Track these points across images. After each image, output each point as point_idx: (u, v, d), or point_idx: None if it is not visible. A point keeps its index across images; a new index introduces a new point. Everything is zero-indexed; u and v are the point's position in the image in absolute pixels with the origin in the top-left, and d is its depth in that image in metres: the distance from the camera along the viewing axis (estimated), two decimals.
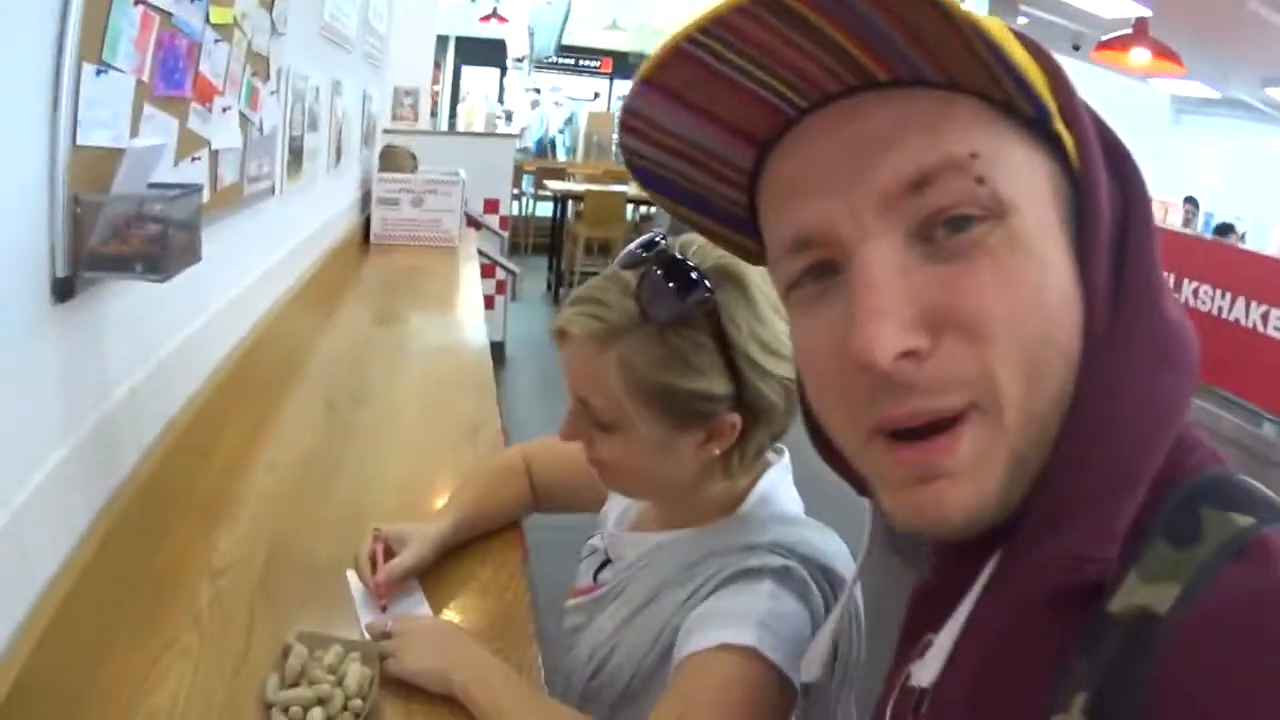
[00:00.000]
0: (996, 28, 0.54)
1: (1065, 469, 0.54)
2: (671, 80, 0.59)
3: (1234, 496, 0.54)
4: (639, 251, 1.09)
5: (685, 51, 0.56)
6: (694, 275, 1.06)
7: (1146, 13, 6.26)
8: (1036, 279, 0.54)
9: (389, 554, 1.43)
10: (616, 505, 1.40)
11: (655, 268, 1.06)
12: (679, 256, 1.08)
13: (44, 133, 1.13)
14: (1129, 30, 5.89)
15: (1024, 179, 0.56)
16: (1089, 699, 0.49)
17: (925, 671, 0.60)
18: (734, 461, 1.17)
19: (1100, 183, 0.57)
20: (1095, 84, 10.67)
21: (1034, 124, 0.57)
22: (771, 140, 0.62)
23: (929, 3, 0.49)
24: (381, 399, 2.39)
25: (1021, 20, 5.85)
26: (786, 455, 1.27)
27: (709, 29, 0.54)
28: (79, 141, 1.20)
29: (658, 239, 1.09)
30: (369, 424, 2.20)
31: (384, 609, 1.37)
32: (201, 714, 1.14)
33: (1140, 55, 5.83)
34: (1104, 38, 6.04)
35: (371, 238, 4.59)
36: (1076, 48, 8.71)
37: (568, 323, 1.13)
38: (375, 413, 2.28)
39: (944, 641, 0.60)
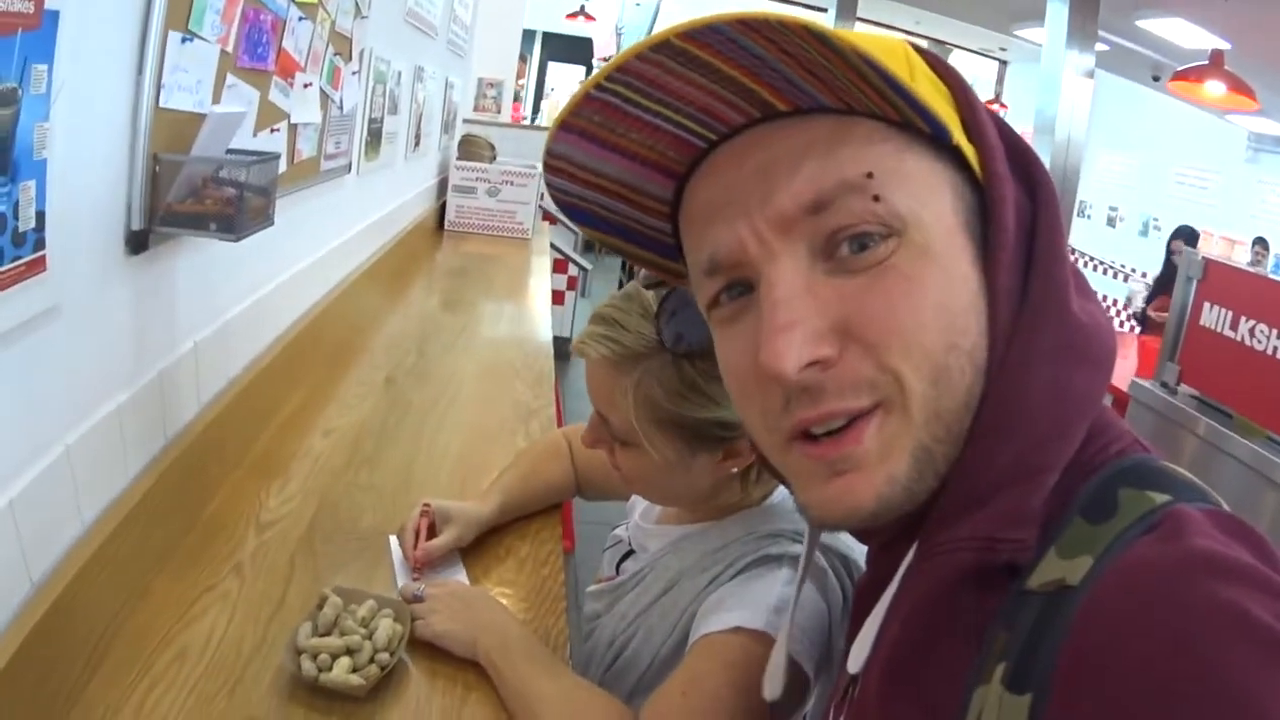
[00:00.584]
0: (885, 50, 0.57)
1: (975, 460, 0.57)
2: (587, 124, 0.63)
3: (1153, 478, 0.56)
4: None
5: (596, 97, 0.60)
6: None
7: (1224, 45, 6.13)
8: (940, 289, 0.57)
9: (432, 530, 1.48)
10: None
11: (668, 302, 1.05)
12: None
13: (128, 94, 1.20)
14: (1205, 61, 5.78)
15: (924, 192, 0.59)
16: (1009, 668, 0.51)
17: (855, 658, 0.63)
18: (751, 477, 1.18)
19: (1005, 191, 0.60)
20: (1170, 116, 10.45)
21: (934, 138, 0.60)
22: (687, 172, 0.67)
23: (813, 36, 0.52)
24: (440, 379, 2.45)
25: (1101, 48, 5.75)
26: None
27: (615, 76, 0.58)
28: (162, 104, 1.26)
29: None
30: (426, 401, 2.25)
31: (419, 574, 1.41)
32: (234, 654, 1.19)
33: (1215, 88, 5.69)
34: (1180, 68, 5.93)
35: (446, 224, 4.66)
36: (1156, 78, 8.53)
37: (585, 346, 1.14)
38: (433, 391, 2.34)
39: (870, 628, 0.62)
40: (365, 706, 1.13)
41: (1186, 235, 6.17)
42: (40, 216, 0.99)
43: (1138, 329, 7.51)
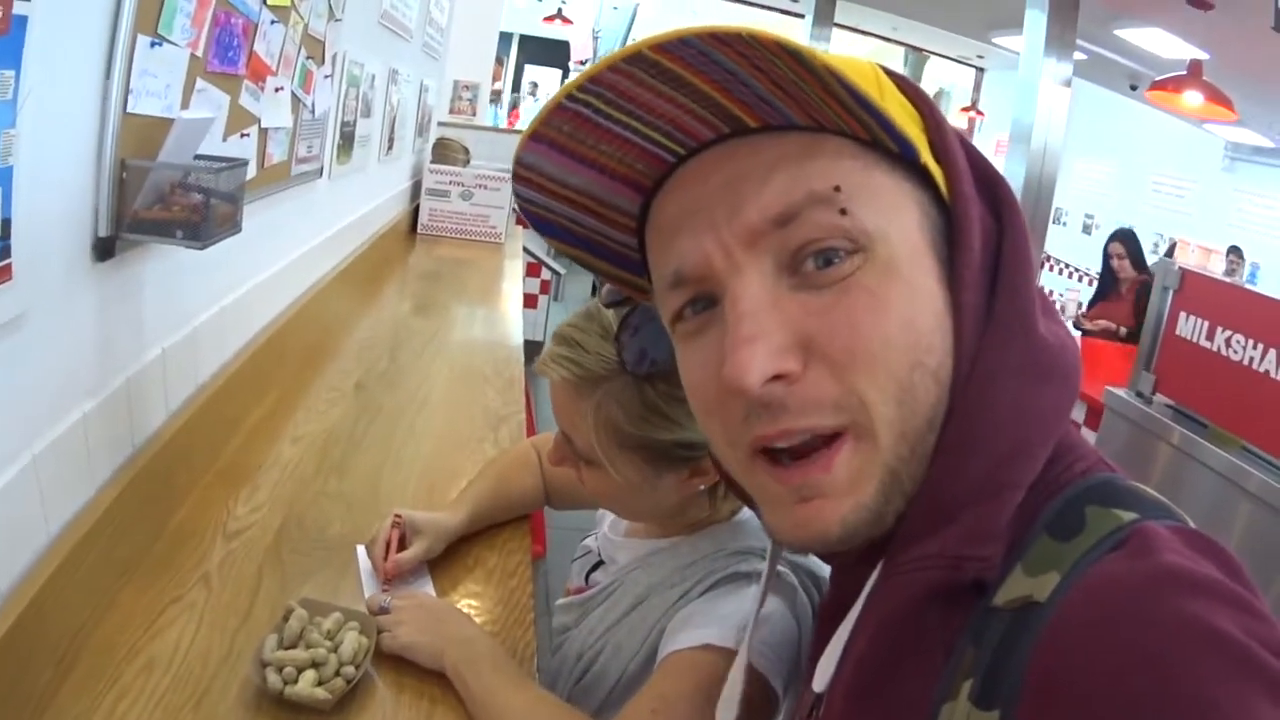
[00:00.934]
0: (856, 70, 0.58)
1: (941, 478, 0.58)
2: (557, 135, 0.63)
3: (1119, 496, 0.56)
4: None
5: (568, 108, 0.60)
6: None
7: (1203, 55, 6.19)
8: (906, 307, 0.57)
9: (403, 542, 1.47)
10: None
11: (631, 318, 1.03)
12: None
13: (96, 99, 1.18)
14: (1183, 72, 5.84)
15: (891, 210, 0.59)
16: (976, 685, 0.51)
17: (820, 677, 0.63)
18: (719, 493, 1.18)
19: (971, 212, 0.60)
20: (1147, 125, 10.54)
21: (902, 158, 0.60)
22: (655, 187, 0.67)
23: (787, 52, 0.52)
24: (411, 384, 2.44)
25: (1079, 57, 5.79)
26: None
27: (587, 86, 0.58)
28: (130, 109, 1.25)
29: None
30: (396, 407, 2.24)
31: (388, 586, 1.40)
32: (200, 666, 1.18)
33: (1193, 98, 5.74)
34: (1158, 78, 5.98)
35: (418, 228, 4.65)
36: (1134, 87, 8.60)
37: (545, 368, 1.14)
38: (403, 397, 2.32)
39: (835, 646, 0.62)
40: (331, 719, 1.12)
41: (1124, 237, 6.17)
42: (6, 224, 0.98)
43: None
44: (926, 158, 0.60)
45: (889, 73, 0.65)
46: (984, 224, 0.61)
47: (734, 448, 0.62)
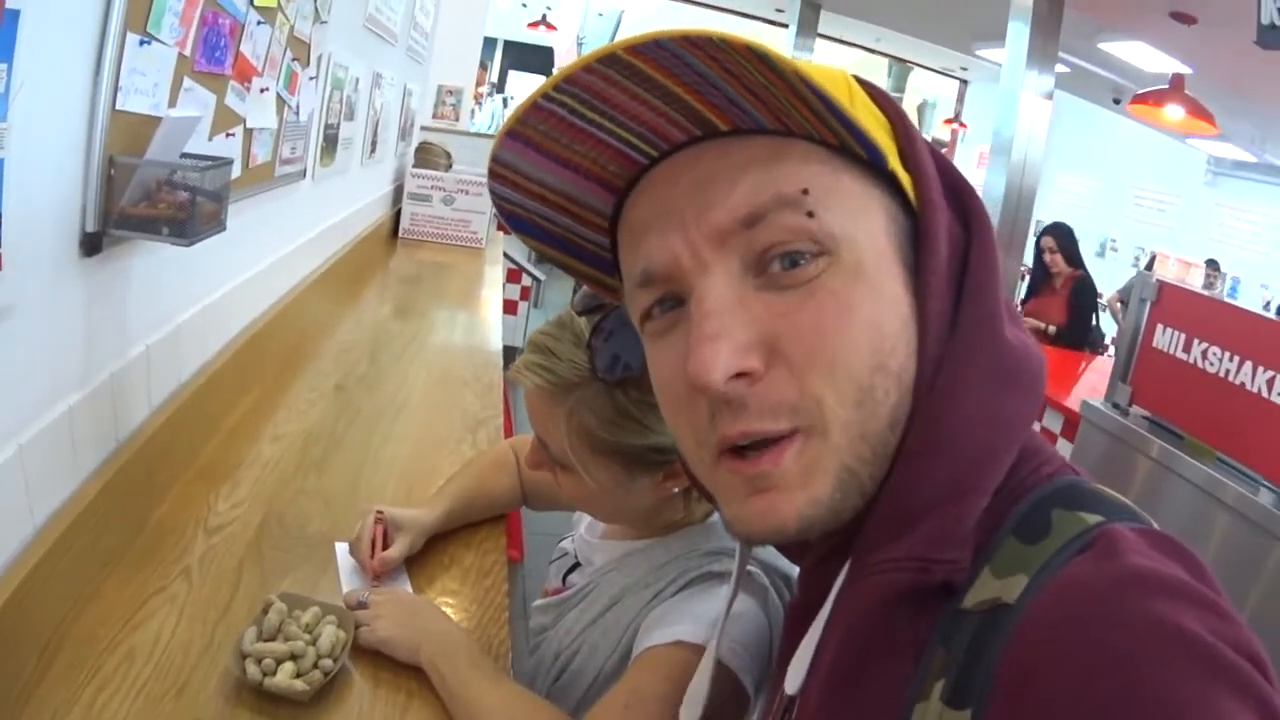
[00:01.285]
0: (826, 76, 0.60)
1: (905, 480, 0.58)
2: (533, 133, 0.63)
3: (1084, 499, 0.58)
4: (594, 297, 1.06)
5: (543, 107, 0.61)
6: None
7: (1186, 69, 6.25)
8: (869, 310, 0.58)
9: (386, 537, 1.48)
10: None
11: (606, 323, 1.03)
12: None
13: (85, 95, 1.19)
14: (1165, 85, 5.89)
15: (858, 214, 0.60)
16: (947, 685, 0.53)
17: (792, 680, 0.64)
18: (693, 495, 1.19)
19: (938, 219, 0.62)
20: (1129, 138, 10.62)
21: (870, 164, 0.62)
22: (627, 187, 0.68)
23: (756, 56, 0.54)
24: (390, 386, 2.45)
25: (1061, 69, 5.84)
26: None
27: (563, 86, 0.59)
28: (118, 106, 1.26)
29: None
30: (375, 408, 2.25)
31: (377, 582, 1.42)
32: (180, 657, 1.19)
33: (1174, 112, 5.79)
34: (1140, 91, 6.03)
35: (400, 231, 4.65)
36: (1117, 101, 8.67)
37: (519, 375, 1.14)
38: (383, 398, 2.34)
39: (806, 648, 0.63)
40: (308, 711, 1.14)
41: (1056, 230, 6.10)
42: None
43: None
44: (895, 164, 0.61)
45: (861, 81, 0.67)
46: (951, 232, 0.62)
47: (701, 448, 0.63)
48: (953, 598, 0.56)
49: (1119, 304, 7.13)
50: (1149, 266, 8.34)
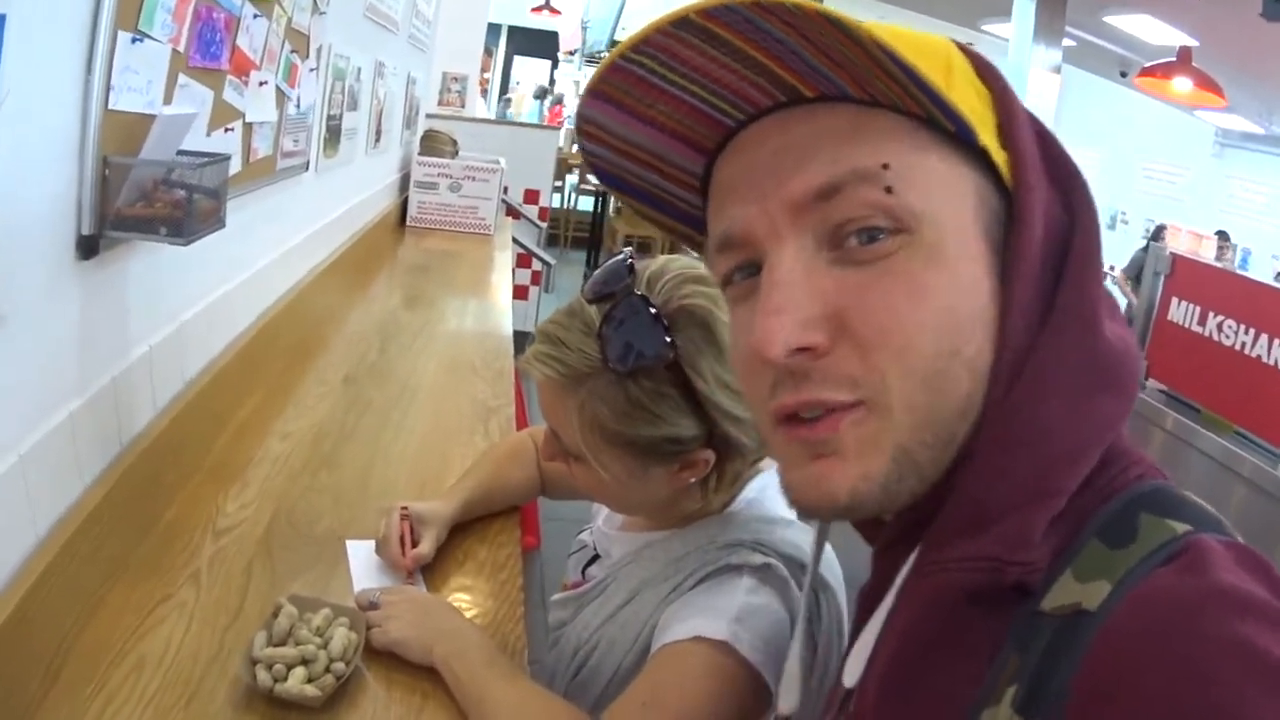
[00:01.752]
0: (918, 45, 0.57)
1: (982, 475, 0.56)
2: (616, 92, 0.63)
3: (1173, 506, 0.55)
4: (605, 285, 1.08)
5: (622, 67, 0.60)
6: (656, 323, 1.03)
7: (1192, 42, 6.19)
8: (946, 292, 0.56)
9: (414, 534, 1.47)
10: None
11: (616, 311, 1.04)
12: (643, 297, 1.05)
13: (77, 96, 1.17)
14: (1173, 58, 5.82)
15: (942, 192, 0.58)
16: (1020, 692, 0.50)
17: (851, 671, 0.62)
18: (710, 486, 1.16)
19: (1033, 201, 0.58)
20: (1138, 111, 10.55)
21: (961, 140, 0.59)
22: (717, 149, 0.66)
23: (830, 23, 0.52)
24: (400, 378, 2.43)
25: (1068, 43, 5.78)
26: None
27: (640, 48, 0.58)
28: (111, 106, 1.24)
29: (629, 266, 1.08)
30: (385, 401, 2.23)
31: (411, 579, 1.40)
32: (190, 665, 1.18)
33: (1182, 84, 5.74)
34: (1148, 64, 5.97)
35: (407, 220, 4.62)
36: (1124, 74, 8.60)
37: (529, 366, 1.12)
38: (393, 390, 2.31)
39: (867, 639, 0.62)
40: (321, 717, 1.12)
41: None
42: None
43: None
44: (987, 140, 0.58)
45: (965, 51, 0.64)
46: (1050, 216, 0.59)
47: (764, 414, 0.62)
48: (1028, 598, 0.54)
49: (1127, 281, 7.12)
50: (1155, 238, 8.28)
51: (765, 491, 1.21)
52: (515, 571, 1.51)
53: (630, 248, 1.16)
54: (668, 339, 1.03)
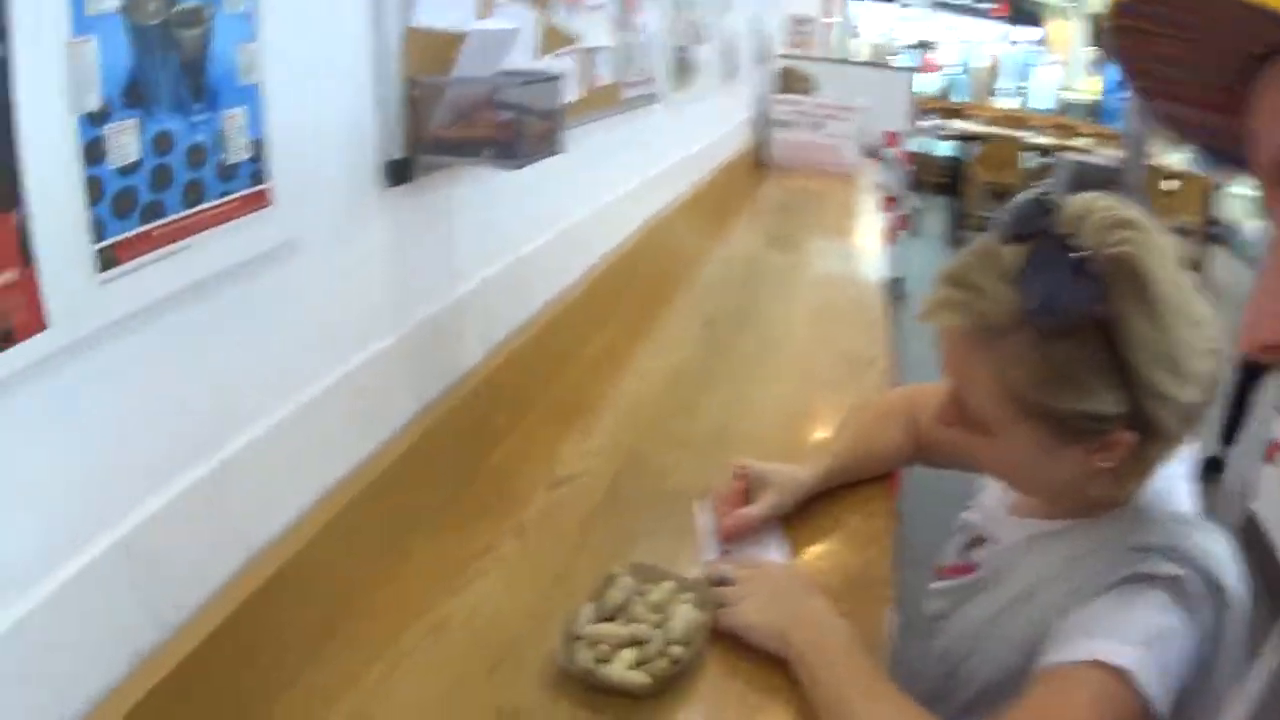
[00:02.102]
0: None
1: None
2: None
3: None
4: (1021, 225, 0.94)
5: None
6: (1082, 272, 0.89)
7: None
8: None
9: (747, 497, 1.31)
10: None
11: (1038, 256, 0.91)
12: (1068, 241, 0.91)
13: (367, 12, 1.09)
14: None
15: None
16: None
17: None
18: (1123, 472, 0.99)
19: None
20: None
21: None
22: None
23: None
24: (765, 323, 2.27)
25: None
26: (1189, 448, 1.05)
27: None
28: (413, 23, 1.16)
29: (1048, 203, 0.94)
30: (748, 347, 2.09)
31: (729, 547, 1.23)
32: (499, 631, 1.06)
33: None
34: None
35: (767, 158, 4.49)
36: None
37: (936, 313, 0.98)
38: (756, 336, 2.16)
39: None
40: (644, 707, 0.95)
41: None
42: (257, 146, 0.89)
43: None
44: None
45: None
46: None
47: None
48: None
49: None
50: None
51: (1174, 482, 1.05)
52: (885, 548, 1.30)
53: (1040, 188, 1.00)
54: (1099, 294, 0.90)
